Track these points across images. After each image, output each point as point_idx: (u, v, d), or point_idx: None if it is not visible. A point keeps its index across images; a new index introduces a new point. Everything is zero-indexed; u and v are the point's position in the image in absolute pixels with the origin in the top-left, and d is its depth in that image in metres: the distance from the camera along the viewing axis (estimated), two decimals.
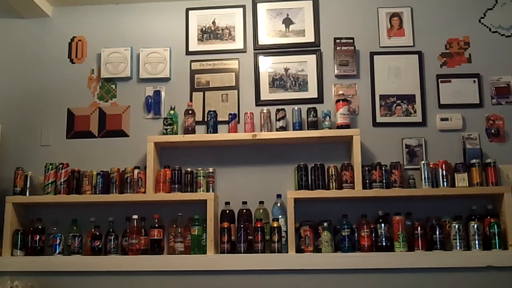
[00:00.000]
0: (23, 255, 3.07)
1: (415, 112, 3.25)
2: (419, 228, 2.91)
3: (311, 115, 3.17)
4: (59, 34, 3.56)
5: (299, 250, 2.97)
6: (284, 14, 3.45)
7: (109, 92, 3.46)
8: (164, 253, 3.10)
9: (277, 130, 3.18)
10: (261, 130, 3.18)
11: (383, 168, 3.04)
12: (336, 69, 3.33)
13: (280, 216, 3.03)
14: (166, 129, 3.20)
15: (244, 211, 3.07)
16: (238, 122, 3.24)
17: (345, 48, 3.33)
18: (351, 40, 3.33)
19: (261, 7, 3.47)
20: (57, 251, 3.08)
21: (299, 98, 3.31)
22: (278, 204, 3.08)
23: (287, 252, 2.93)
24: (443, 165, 3.03)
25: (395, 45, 3.36)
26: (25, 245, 3.09)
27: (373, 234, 2.96)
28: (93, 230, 3.10)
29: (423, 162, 3.04)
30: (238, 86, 3.38)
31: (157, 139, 3.18)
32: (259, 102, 3.34)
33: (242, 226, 2.97)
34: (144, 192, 3.10)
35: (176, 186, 3.12)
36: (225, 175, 3.24)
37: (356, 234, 3.00)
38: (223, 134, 3.21)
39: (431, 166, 3.04)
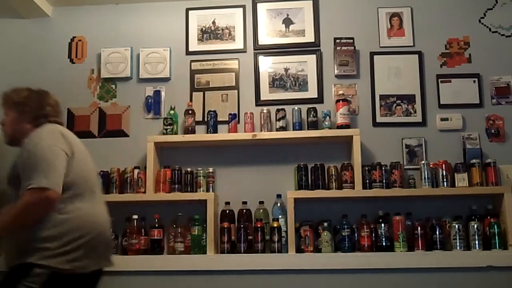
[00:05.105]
0: None
1: (415, 112, 3.25)
2: (419, 228, 2.91)
3: (311, 115, 3.17)
4: (59, 34, 3.56)
5: (299, 250, 2.97)
6: (284, 14, 3.45)
7: (109, 92, 3.46)
8: (164, 253, 3.09)
9: (277, 130, 3.18)
10: (261, 130, 3.18)
11: (383, 168, 3.04)
12: (336, 69, 3.33)
13: (280, 216, 3.03)
14: (166, 129, 3.20)
15: (244, 211, 3.07)
16: (238, 122, 3.24)
17: (345, 48, 3.33)
18: (351, 40, 3.33)
19: (261, 7, 3.46)
20: None
21: (299, 98, 3.31)
22: (278, 204, 3.08)
23: (287, 252, 2.93)
24: (443, 165, 3.03)
25: (395, 45, 3.35)
26: None
27: (373, 234, 2.96)
28: None
29: (423, 162, 3.04)
30: (238, 86, 3.38)
31: (157, 139, 3.18)
32: (259, 102, 3.33)
33: (242, 226, 2.97)
34: (144, 192, 3.10)
35: (176, 186, 3.12)
36: (225, 175, 3.24)
37: (356, 234, 2.99)
38: (223, 134, 3.20)
39: (431, 166, 3.04)
